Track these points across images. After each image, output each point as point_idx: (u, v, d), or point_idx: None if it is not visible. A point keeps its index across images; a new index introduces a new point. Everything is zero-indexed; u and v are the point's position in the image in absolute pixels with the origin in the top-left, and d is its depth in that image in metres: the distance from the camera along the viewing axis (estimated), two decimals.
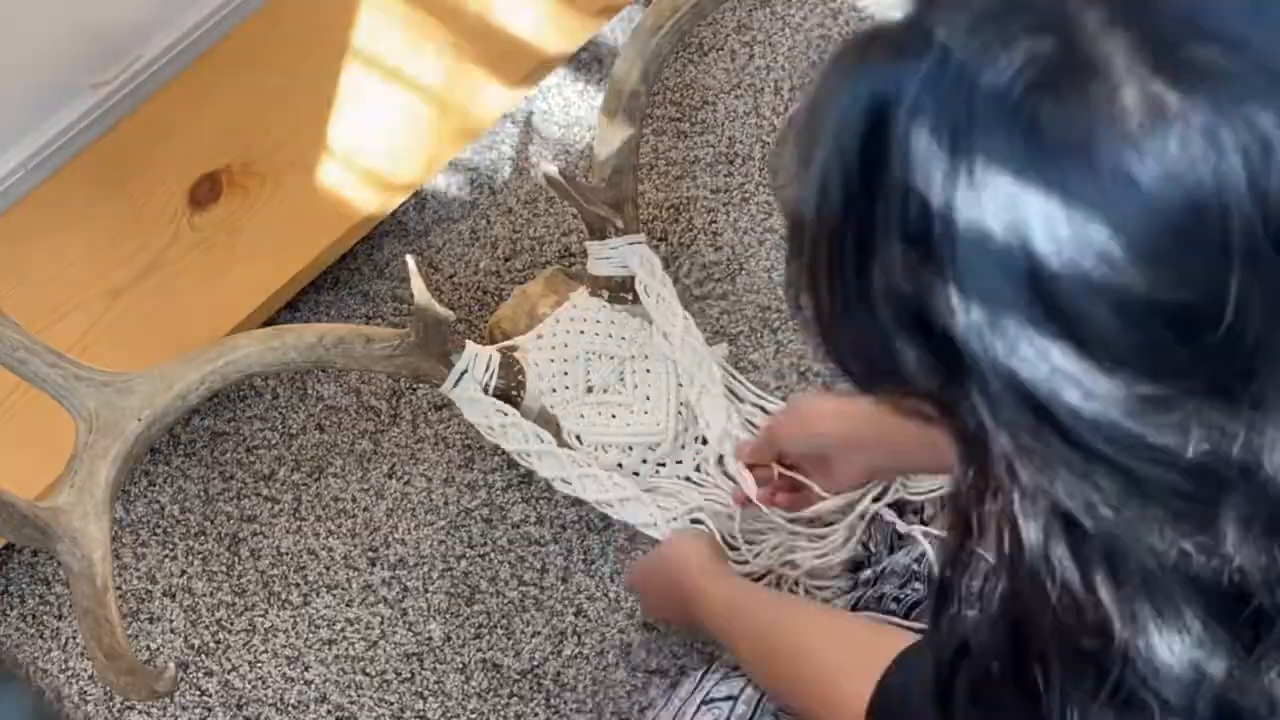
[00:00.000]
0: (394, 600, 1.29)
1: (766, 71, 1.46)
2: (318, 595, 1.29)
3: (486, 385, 1.18)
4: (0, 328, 1.02)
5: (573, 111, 1.46)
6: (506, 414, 1.18)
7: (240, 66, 1.41)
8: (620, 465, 1.20)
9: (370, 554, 1.30)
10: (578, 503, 1.29)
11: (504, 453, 1.32)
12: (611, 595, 1.26)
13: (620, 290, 1.24)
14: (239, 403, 1.37)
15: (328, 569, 1.30)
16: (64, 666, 1.29)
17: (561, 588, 1.27)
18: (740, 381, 1.27)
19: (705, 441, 1.21)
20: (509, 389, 1.19)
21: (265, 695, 1.26)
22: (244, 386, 1.37)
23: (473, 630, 1.27)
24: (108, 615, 0.99)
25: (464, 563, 1.29)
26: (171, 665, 1.02)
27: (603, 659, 1.24)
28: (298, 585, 1.30)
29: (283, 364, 1.11)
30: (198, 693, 1.27)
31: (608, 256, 1.23)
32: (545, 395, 1.21)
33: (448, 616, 1.27)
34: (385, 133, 1.37)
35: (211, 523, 1.33)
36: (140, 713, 1.27)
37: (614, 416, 1.21)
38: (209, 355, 1.09)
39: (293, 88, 1.40)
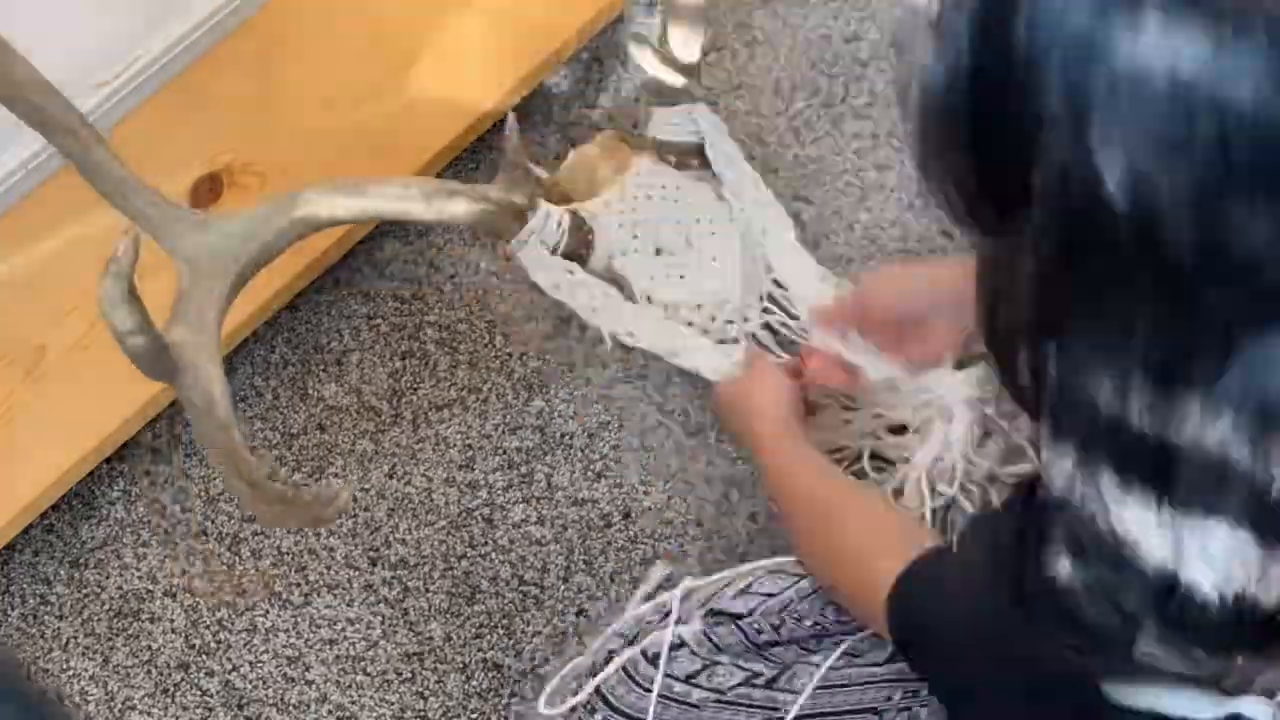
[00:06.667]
0: (395, 600, 1.29)
1: (766, 71, 1.46)
2: (318, 595, 1.29)
3: (556, 245, 1.22)
4: (109, 163, 1.04)
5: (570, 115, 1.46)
6: (573, 272, 1.22)
7: (240, 66, 1.41)
8: (690, 324, 1.24)
9: (371, 554, 1.30)
10: (578, 502, 1.30)
11: (504, 452, 1.32)
12: (612, 595, 1.26)
13: (685, 156, 1.28)
14: (239, 403, 1.37)
15: (328, 569, 1.30)
16: (64, 666, 1.29)
17: (562, 588, 1.27)
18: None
19: (772, 300, 1.26)
20: (577, 249, 1.23)
21: (266, 695, 1.27)
22: (244, 386, 1.37)
23: (473, 630, 1.27)
24: (237, 449, 1.00)
25: (465, 563, 1.29)
26: (345, 492, 0.98)
27: None
28: (298, 585, 1.30)
29: (367, 212, 1.14)
30: (198, 693, 1.27)
31: (674, 123, 1.27)
32: (615, 257, 1.24)
33: (448, 616, 1.27)
34: (384, 133, 1.37)
35: (213, 522, 1.33)
36: (140, 713, 1.27)
37: (682, 277, 1.25)
38: (298, 202, 1.11)
39: (293, 87, 1.40)
